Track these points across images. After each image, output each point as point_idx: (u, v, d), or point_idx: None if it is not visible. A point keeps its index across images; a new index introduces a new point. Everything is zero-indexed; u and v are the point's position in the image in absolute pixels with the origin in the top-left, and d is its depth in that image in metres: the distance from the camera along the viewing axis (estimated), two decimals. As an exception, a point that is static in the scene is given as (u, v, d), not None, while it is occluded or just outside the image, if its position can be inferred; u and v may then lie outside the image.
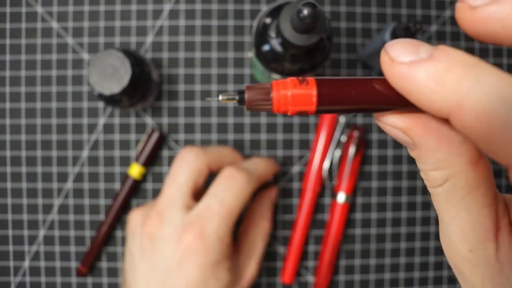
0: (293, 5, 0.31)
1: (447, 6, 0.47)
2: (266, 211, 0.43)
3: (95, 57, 0.38)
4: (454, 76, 0.13)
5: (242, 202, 0.36)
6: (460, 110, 0.13)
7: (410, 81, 0.14)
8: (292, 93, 0.15)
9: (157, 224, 0.35)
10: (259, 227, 0.41)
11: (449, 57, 0.13)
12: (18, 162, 0.45)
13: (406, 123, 0.16)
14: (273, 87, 0.16)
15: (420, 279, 0.46)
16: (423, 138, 0.15)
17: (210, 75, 0.46)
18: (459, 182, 0.15)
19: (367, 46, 0.44)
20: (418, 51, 0.14)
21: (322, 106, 0.16)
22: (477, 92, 0.12)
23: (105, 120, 0.46)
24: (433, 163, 0.16)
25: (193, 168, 0.37)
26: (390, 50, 0.15)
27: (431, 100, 0.14)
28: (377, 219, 0.46)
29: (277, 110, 0.16)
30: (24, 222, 0.45)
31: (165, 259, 0.34)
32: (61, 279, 0.45)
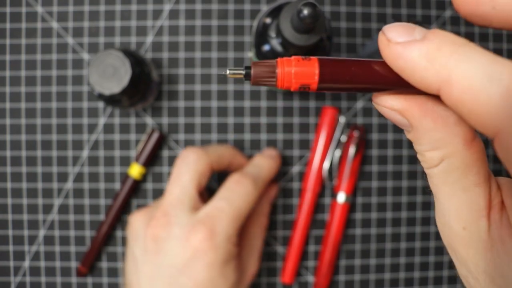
0: (293, 5, 0.31)
1: (447, 6, 0.47)
2: (265, 208, 0.43)
3: (95, 57, 0.38)
4: (444, 54, 0.14)
5: (250, 207, 0.37)
6: (449, 84, 0.14)
7: (404, 59, 0.15)
8: (296, 70, 0.17)
9: (163, 225, 0.35)
10: (258, 224, 0.42)
11: (440, 38, 0.15)
12: (18, 162, 0.45)
13: (402, 104, 0.16)
14: (278, 64, 0.17)
15: (420, 279, 0.46)
16: (420, 118, 0.16)
17: (210, 75, 0.46)
18: (455, 161, 0.16)
19: (367, 46, 0.44)
20: (412, 33, 0.15)
21: (323, 83, 0.17)
22: (464, 68, 0.14)
23: (105, 120, 0.46)
24: (429, 143, 0.16)
25: (196, 169, 0.37)
26: (387, 32, 0.16)
27: (422, 76, 0.15)
28: (377, 219, 0.46)
29: (281, 85, 0.17)
30: (24, 222, 0.45)
31: (172, 259, 0.34)
32: (61, 279, 0.45)
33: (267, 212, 0.43)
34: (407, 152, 0.46)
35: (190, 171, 0.37)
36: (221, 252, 0.34)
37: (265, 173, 0.40)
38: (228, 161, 0.40)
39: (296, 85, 0.17)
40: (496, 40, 0.47)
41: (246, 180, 0.37)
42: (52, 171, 0.45)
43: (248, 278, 0.39)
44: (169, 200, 0.36)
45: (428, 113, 0.16)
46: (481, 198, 0.16)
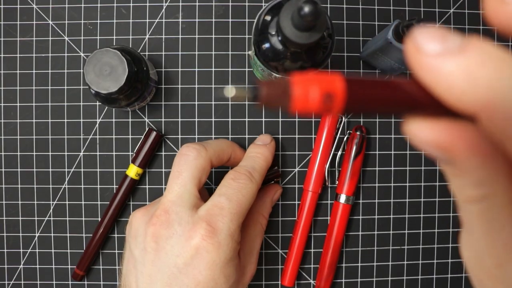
0: (294, 2, 0.30)
1: (450, 3, 0.46)
2: (266, 208, 0.43)
3: (92, 56, 0.37)
4: (488, 72, 0.12)
5: (250, 200, 0.37)
6: (493, 109, 0.12)
7: (438, 73, 0.13)
8: (316, 90, 0.14)
9: (164, 223, 0.34)
10: (258, 224, 0.41)
11: (482, 51, 0.12)
12: (14, 162, 0.44)
13: (444, 137, 0.14)
14: (294, 83, 0.14)
15: (423, 281, 0.46)
16: (467, 155, 0.14)
17: (209, 74, 0.45)
18: (498, 201, 0.14)
19: (369, 44, 0.43)
20: (447, 42, 0.13)
21: (348, 109, 0.14)
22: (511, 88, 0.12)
23: (102, 120, 0.45)
24: (473, 181, 0.14)
25: (196, 166, 0.36)
26: (419, 39, 0.13)
27: (459, 95, 0.12)
28: (379, 220, 0.46)
29: (297, 109, 0.14)
30: (19, 223, 0.45)
31: (173, 259, 0.33)
32: (57, 282, 0.45)
33: (267, 213, 0.43)
34: (409, 153, 0.46)
35: (190, 167, 0.36)
36: (224, 249, 0.34)
37: (260, 163, 0.40)
38: (228, 156, 0.40)
39: (315, 106, 0.14)
40: (500, 38, 0.46)
41: (243, 175, 0.37)
42: (48, 171, 0.45)
43: (246, 279, 0.39)
44: (169, 197, 0.35)
45: (477, 149, 0.14)
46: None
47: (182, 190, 0.35)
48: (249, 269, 0.39)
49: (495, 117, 0.12)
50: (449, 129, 0.14)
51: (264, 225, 0.42)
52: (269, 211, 0.43)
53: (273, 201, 0.44)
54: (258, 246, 0.41)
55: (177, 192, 0.35)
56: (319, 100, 0.14)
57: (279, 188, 0.44)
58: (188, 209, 0.35)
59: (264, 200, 0.43)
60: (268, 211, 0.43)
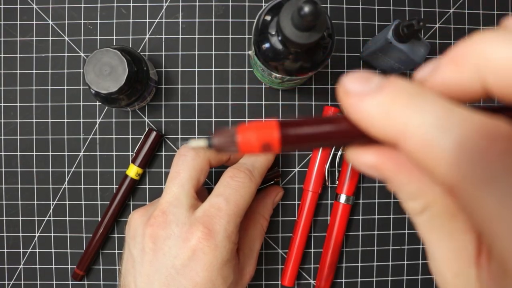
0: (294, 2, 0.30)
1: (450, 3, 0.46)
2: (267, 210, 0.42)
3: (92, 56, 0.37)
4: (398, 106, 0.14)
5: (248, 200, 0.36)
6: (404, 137, 0.14)
7: (360, 111, 0.15)
8: (256, 135, 0.16)
9: (161, 224, 0.34)
10: (258, 226, 0.41)
11: (395, 88, 0.14)
12: (14, 162, 0.44)
13: (375, 160, 0.16)
14: (238, 131, 0.17)
15: (422, 280, 0.46)
16: (394, 172, 0.16)
17: (209, 74, 0.45)
18: (438, 210, 0.16)
19: (369, 44, 0.43)
20: (369, 83, 0.15)
21: (286, 145, 0.16)
22: (417, 120, 0.13)
23: (102, 120, 0.45)
24: (408, 195, 0.16)
25: (194, 166, 0.36)
26: (345, 82, 0.15)
27: (379, 128, 0.14)
28: (379, 220, 0.46)
29: (243, 151, 0.17)
30: (19, 223, 0.45)
31: (170, 260, 0.33)
32: (57, 282, 0.45)
33: (268, 215, 0.43)
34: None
35: (188, 168, 0.36)
36: (221, 251, 0.34)
37: (261, 162, 0.39)
38: (227, 155, 0.40)
39: (257, 150, 0.16)
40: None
41: (242, 173, 0.36)
42: (48, 171, 0.45)
43: (245, 280, 0.39)
44: (166, 198, 0.35)
45: (402, 166, 0.16)
46: (470, 245, 0.16)
47: (179, 191, 0.35)
48: (248, 271, 0.39)
49: (406, 144, 0.14)
50: (378, 153, 0.16)
51: (265, 226, 0.42)
52: (270, 213, 0.43)
53: (274, 203, 0.43)
54: (258, 247, 0.41)
55: (175, 193, 0.35)
56: (259, 146, 0.16)
57: (280, 190, 0.44)
58: (186, 210, 0.35)
59: (266, 202, 0.43)
60: (269, 213, 0.43)
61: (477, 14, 0.46)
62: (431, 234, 0.16)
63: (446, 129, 0.13)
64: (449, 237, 0.16)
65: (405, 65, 0.41)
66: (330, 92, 0.45)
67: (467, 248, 0.16)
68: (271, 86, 0.43)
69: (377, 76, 0.15)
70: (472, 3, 0.46)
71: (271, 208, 0.43)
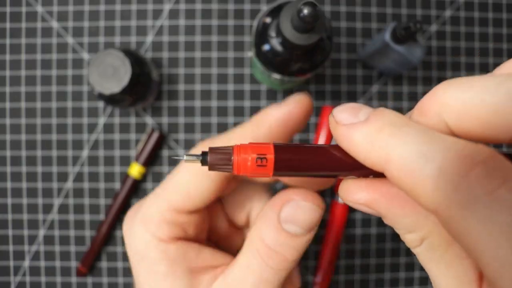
0: (293, 4, 0.31)
1: (447, 6, 0.47)
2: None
3: (95, 57, 0.38)
4: (383, 136, 0.14)
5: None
6: (389, 165, 0.14)
7: (348, 141, 0.15)
8: (252, 157, 0.16)
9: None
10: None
11: (381, 119, 0.15)
12: (18, 161, 0.45)
13: (367, 197, 0.16)
14: (234, 151, 0.17)
15: (420, 279, 0.46)
16: (387, 207, 0.16)
17: (210, 75, 0.46)
18: (435, 241, 0.16)
19: (367, 46, 0.44)
20: (357, 114, 0.16)
21: (279, 170, 0.17)
22: (400, 150, 0.14)
23: (105, 120, 0.46)
24: (404, 228, 0.16)
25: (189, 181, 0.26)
26: (336, 113, 0.16)
27: (366, 157, 0.15)
28: (377, 219, 0.46)
29: (237, 172, 0.17)
30: (24, 222, 0.45)
31: None
32: (61, 279, 0.45)
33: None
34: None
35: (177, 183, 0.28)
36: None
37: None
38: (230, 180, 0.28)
39: (251, 172, 0.17)
40: (496, 40, 0.47)
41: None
42: (52, 171, 0.45)
43: None
44: (132, 239, 0.26)
45: (394, 201, 0.16)
46: (470, 271, 0.16)
47: (149, 233, 0.23)
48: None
49: (391, 171, 0.14)
50: (370, 190, 0.16)
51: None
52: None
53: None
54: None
55: (141, 237, 0.23)
56: (254, 162, 0.16)
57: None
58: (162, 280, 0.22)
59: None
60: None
61: (472, 17, 0.47)
62: (431, 264, 0.16)
63: (428, 156, 0.13)
64: (449, 265, 0.16)
65: (402, 66, 0.41)
66: (328, 93, 0.46)
67: (468, 275, 0.16)
68: (271, 87, 0.44)
69: (366, 107, 0.16)
70: (468, 6, 0.47)
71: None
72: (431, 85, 0.46)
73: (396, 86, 0.46)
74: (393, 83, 0.46)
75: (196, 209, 0.23)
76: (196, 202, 0.22)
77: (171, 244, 0.22)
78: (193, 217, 0.23)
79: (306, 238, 0.21)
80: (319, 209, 0.20)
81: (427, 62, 0.47)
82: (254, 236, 0.21)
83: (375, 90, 0.46)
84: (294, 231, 0.20)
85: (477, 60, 0.47)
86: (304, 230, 0.20)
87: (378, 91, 0.46)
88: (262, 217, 0.21)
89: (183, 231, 0.23)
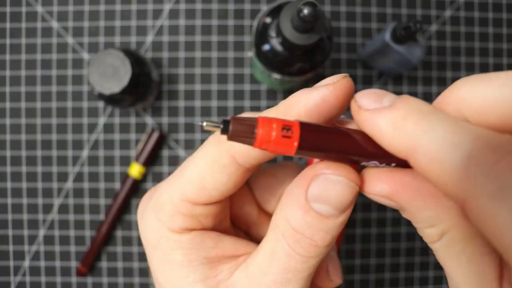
0: (294, 4, 0.31)
1: (447, 6, 0.47)
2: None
3: (95, 57, 0.38)
4: (409, 123, 0.14)
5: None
6: (415, 154, 0.14)
7: (372, 126, 0.15)
8: (276, 133, 0.15)
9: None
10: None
11: (407, 106, 0.15)
12: (18, 162, 0.45)
13: (388, 190, 0.16)
14: (259, 124, 0.16)
15: (420, 279, 0.46)
16: (409, 200, 0.16)
17: (210, 75, 0.46)
18: (456, 235, 0.16)
19: (367, 46, 0.44)
20: (381, 100, 0.16)
21: (302, 149, 0.16)
22: (428, 138, 0.14)
23: (105, 120, 0.46)
24: (425, 221, 0.16)
25: (209, 158, 0.23)
26: (358, 98, 0.16)
27: (390, 143, 0.15)
28: (377, 219, 0.46)
29: (259, 146, 0.16)
30: (24, 222, 0.45)
31: None
32: (61, 279, 0.45)
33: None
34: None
35: (197, 165, 0.26)
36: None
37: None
38: (259, 156, 0.23)
39: (274, 149, 0.16)
40: (496, 40, 0.47)
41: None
42: (52, 171, 0.45)
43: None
44: (145, 223, 0.25)
45: (416, 193, 0.16)
46: (490, 268, 0.15)
47: (165, 217, 0.21)
48: None
49: (418, 159, 0.14)
50: (391, 181, 0.16)
51: None
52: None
53: None
54: None
55: (155, 223, 0.21)
56: (279, 132, 0.15)
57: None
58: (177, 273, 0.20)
59: None
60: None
61: (472, 17, 0.47)
62: (450, 260, 0.16)
63: (455, 144, 0.13)
64: (469, 261, 0.16)
65: (402, 66, 0.41)
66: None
67: (488, 272, 0.15)
68: (271, 87, 0.44)
69: (390, 93, 0.16)
70: (468, 6, 0.47)
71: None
72: (431, 85, 0.46)
73: (396, 86, 0.46)
74: (393, 83, 0.46)
75: (212, 201, 0.20)
76: (212, 195, 0.20)
77: (185, 234, 0.20)
78: (211, 208, 0.20)
79: (339, 220, 0.17)
80: (354, 186, 0.17)
81: (427, 62, 0.47)
82: (278, 218, 0.18)
83: (375, 90, 0.46)
84: (325, 211, 0.17)
85: (477, 60, 0.47)
86: (336, 210, 0.17)
87: (378, 91, 0.46)
88: (287, 195, 0.18)
89: (198, 222, 0.20)
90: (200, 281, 0.19)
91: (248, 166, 0.19)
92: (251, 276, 0.19)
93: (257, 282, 0.18)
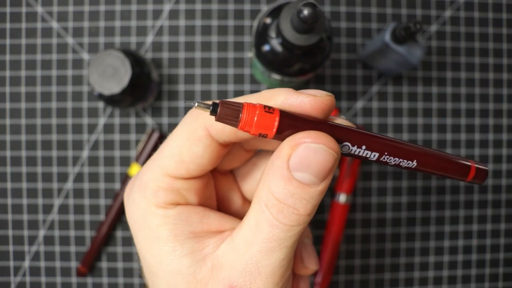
0: (293, 5, 0.31)
1: (447, 6, 0.47)
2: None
3: (95, 57, 0.38)
4: None
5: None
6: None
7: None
8: (258, 118, 0.17)
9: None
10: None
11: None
12: (18, 162, 0.45)
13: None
14: (244, 109, 0.18)
15: (420, 279, 0.46)
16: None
17: (210, 75, 0.46)
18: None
19: (367, 46, 0.44)
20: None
21: (280, 134, 0.18)
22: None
23: (105, 120, 0.46)
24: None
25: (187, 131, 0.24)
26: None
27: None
28: (377, 219, 0.46)
29: (241, 128, 0.18)
30: (24, 222, 0.45)
31: None
32: (61, 279, 0.45)
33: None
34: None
35: (176, 138, 0.28)
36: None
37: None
38: (233, 134, 0.23)
39: (255, 132, 0.18)
40: (496, 40, 0.47)
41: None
42: (52, 171, 0.45)
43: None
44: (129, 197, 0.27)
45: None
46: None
47: (151, 187, 0.22)
48: None
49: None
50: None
51: None
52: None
53: None
54: None
55: (139, 197, 0.22)
56: (262, 109, 0.18)
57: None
58: (162, 243, 0.21)
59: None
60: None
61: (472, 17, 0.47)
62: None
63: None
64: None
65: (402, 66, 0.41)
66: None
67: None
68: (271, 87, 0.44)
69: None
70: (467, 6, 0.47)
71: None
72: (431, 85, 0.46)
73: (396, 86, 0.46)
74: (393, 83, 0.46)
75: (191, 175, 0.21)
76: (190, 168, 0.21)
77: (170, 209, 0.21)
78: (192, 183, 0.21)
79: (320, 188, 0.18)
80: (333, 153, 0.18)
81: (427, 62, 0.47)
82: (262, 190, 0.19)
83: (375, 90, 0.46)
84: (307, 180, 0.18)
85: (477, 60, 0.47)
86: (317, 178, 0.18)
87: (378, 91, 0.46)
88: (269, 168, 0.19)
89: (182, 197, 0.21)
90: (187, 255, 0.20)
91: (221, 142, 0.21)
92: (236, 248, 0.19)
93: (243, 253, 0.19)
